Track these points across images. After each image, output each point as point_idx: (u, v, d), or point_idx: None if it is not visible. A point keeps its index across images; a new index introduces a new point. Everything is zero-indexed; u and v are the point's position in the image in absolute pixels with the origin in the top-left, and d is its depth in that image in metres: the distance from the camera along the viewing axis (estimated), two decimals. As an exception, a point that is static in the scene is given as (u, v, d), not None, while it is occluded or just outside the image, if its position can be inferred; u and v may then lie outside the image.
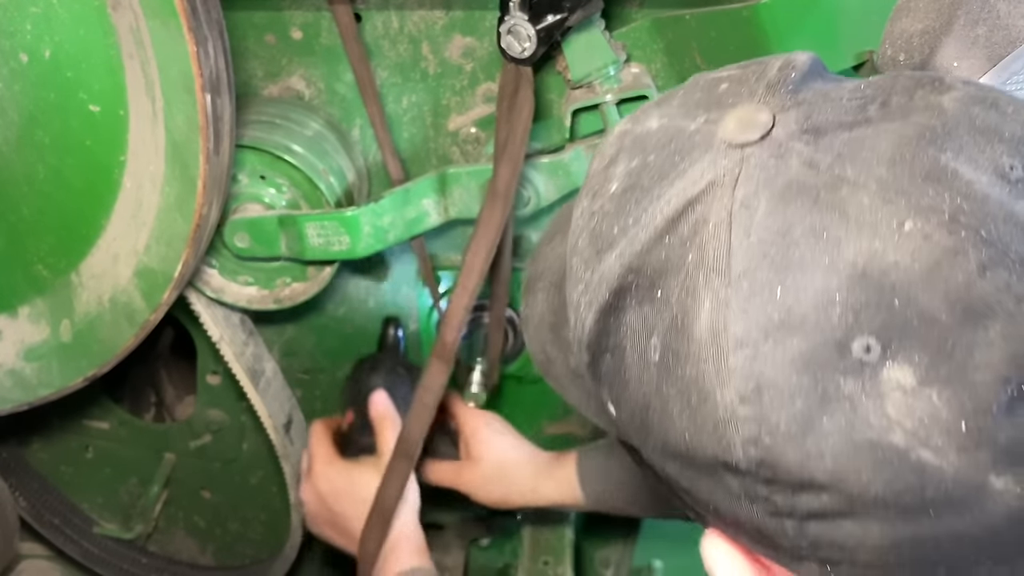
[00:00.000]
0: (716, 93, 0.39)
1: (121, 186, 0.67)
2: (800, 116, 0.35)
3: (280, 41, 0.77)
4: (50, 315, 0.75)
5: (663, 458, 0.39)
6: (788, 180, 0.34)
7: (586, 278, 0.39)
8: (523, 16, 0.66)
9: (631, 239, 0.37)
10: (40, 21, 0.61)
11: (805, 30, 0.65)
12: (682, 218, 0.36)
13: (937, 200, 0.32)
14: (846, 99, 0.36)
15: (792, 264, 0.33)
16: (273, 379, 0.91)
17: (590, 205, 0.41)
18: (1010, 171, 0.33)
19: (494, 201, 0.72)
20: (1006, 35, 0.52)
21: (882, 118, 0.35)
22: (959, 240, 0.31)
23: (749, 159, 0.35)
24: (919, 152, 0.33)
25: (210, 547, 1.11)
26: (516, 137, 0.70)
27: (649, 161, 0.38)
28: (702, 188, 0.35)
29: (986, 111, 0.35)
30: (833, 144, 0.34)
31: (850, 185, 0.33)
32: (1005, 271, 0.31)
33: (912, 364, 0.31)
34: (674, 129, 0.38)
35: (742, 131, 0.36)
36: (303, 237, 0.75)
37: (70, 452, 1.05)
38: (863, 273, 0.32)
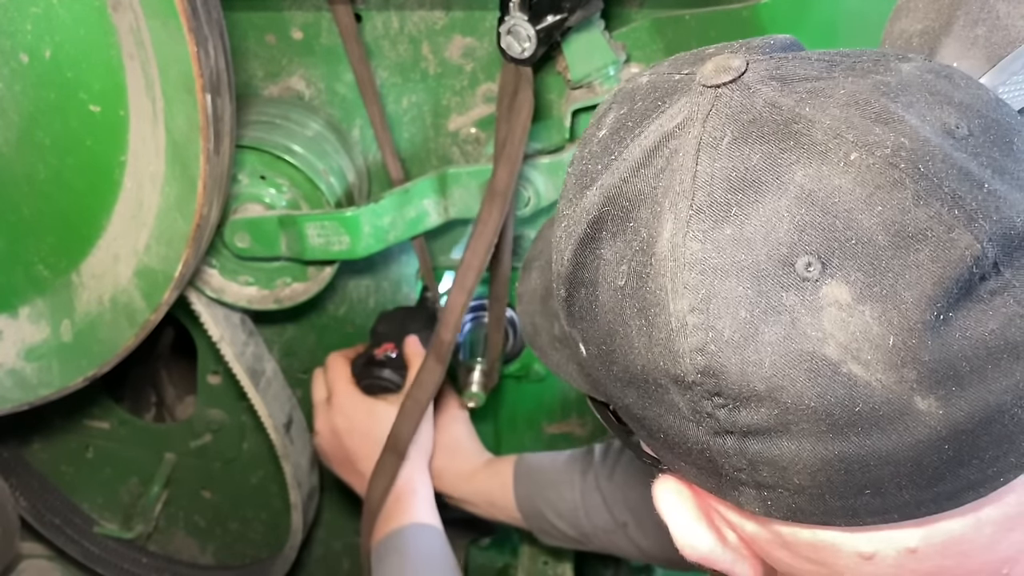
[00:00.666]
0: (703, 54, 0.42)
1: (121, 186, 0.67)
2: (771, 66, 0.39)
3: (280, 41, 0.77)
4: (50, 315, 0.75)
5: (623, 389, 0.41)
6: (752, 116, 0.37)
7: (568, 213, 0.42)
8: (523, 16, 0.66)
9: (612, 172, 0.40)
10: (40, 21, 0.61)
11: (805, 30, 0.66)
12: (657, 151, 0.38)
13: (882, 137, 0.34)
14: (815, 59, 0.39)
15: (748, 186, 0.36)
16: (273, 379, 0.91)
17: (580, 153, 0.43)
18: (956, 129, 0.36)
19: (492, 201, 0.72)
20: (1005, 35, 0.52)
21: (845, 75, 0.38)
22: (898, 172, 0.34)
23: (721, 97, 0.38)
24: (872, 99, 0.36)
25: (210, 547, 1.11)
26: (515, 137, 0.70)
27: (635, 107, 0.41)
28: (678, 123, 0.38)
29: (939, 79, 0.38)
30: (797, 90, 0.37)
31: (806, 121, 0.36)
32: (937, 202, 0.33)
33: (849, 282, 0.34)
34: (660, 80, 0.42)
35: (717, 73, 0.38)
36: (303, 237, 0.75)
37: (70, 452, 1.06)
38: (809, 195, 0.35)
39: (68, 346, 0.75)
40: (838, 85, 0.37)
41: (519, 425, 1.02)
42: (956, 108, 0.36)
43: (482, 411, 0.95)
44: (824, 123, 0.35)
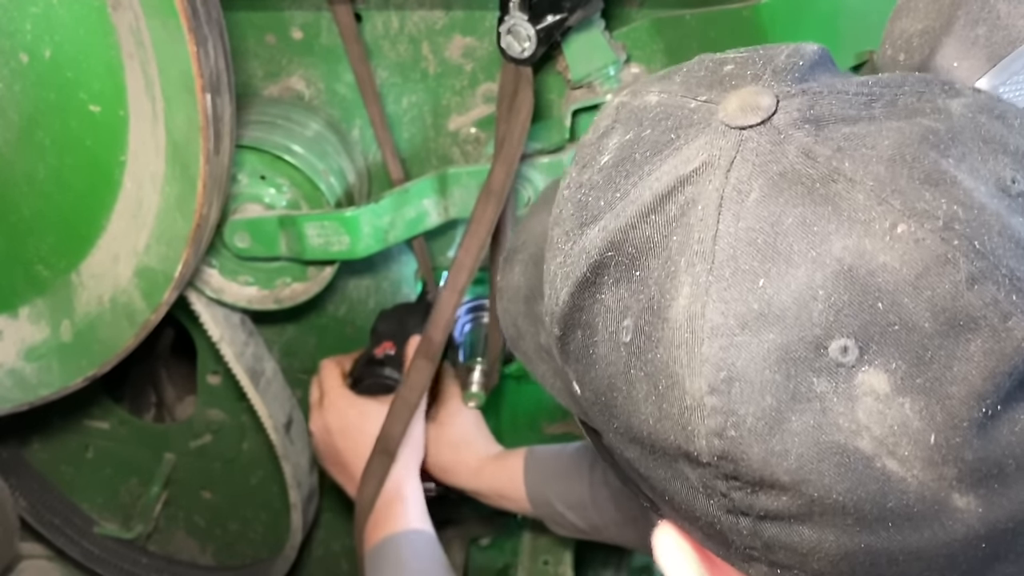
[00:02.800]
0: (720, 73, 0.38)
1: (121, 186, 0.67)
2: (803, 104, 0.34)
3: (280, 41, 0.77)
4: (50, 315, 0.75)
5: (624, 442, 0.38)
6: (784, 168, 0.33)
7: (566, 249, 0.38)
8: (523, 16, 0.66)
9: (616, 213, 0.36)
10: (40, 21, 0.61)
11: (805, 30, 0.66)
12: (671, 197, 0.35)
13: (933, 205, 0.31)
14: (852, 92, 0.35)
15: (778, 254, 0.32)
16: (273, 379, 0.91)
17: (578, 176, 0.39)
18: (1012, 184, 0.32)
19: (487, 200, 0.72)
20: (1006, 35, 0.52)
21: (887, 116, 0.34)
22: (951, 248, 0.30)
23: (747, 142, 0.34)
24: (920, 154, 0.32)
25: (210, 547, 1.11)
26: (513, 137, 0.70)
27: (644, 135, 0.37)
28: (695, 167, 0.34)
29: (993, 121, 0.34)
30: (833, 136, 0.33)
31: (846, 180, 0.32)
32: (994, 286, 0.30)
33: (888, 371, 0.31)
34: (673, 105, 0.37)
35: (743, 113, 0.34)
36: (303, 237, 0.75)
37: (70, 452, 1.05)
38: (849, 271, 0.31)
39: (68, 346, 0.75)
40: (880, 132, 0.33)
41: (519, 425, 1.02)
42: (1012, 157, 0.33)
43: (482, 411, 0.95)
44: (867, 184, 0.31)
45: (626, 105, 0.40)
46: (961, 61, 0.52)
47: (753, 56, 0.38)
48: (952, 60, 0.53)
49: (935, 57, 0.54)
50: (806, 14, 0.65)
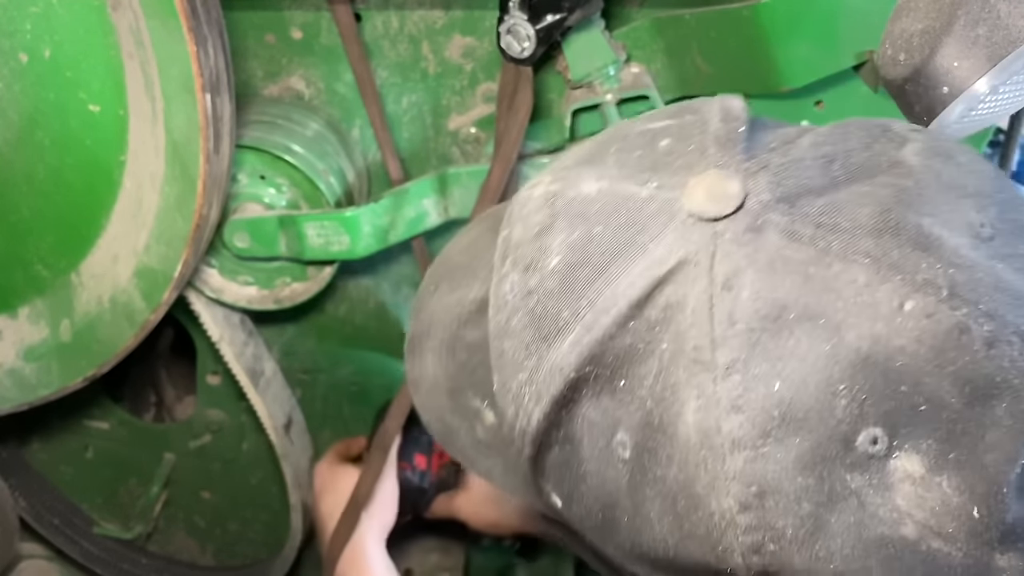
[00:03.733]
0: (658, 151, 0.36)
1: (121, 186, 0.67)
2: (771, 182, 0.33)
3: (280, 41, 0.77)
4: (50, 315, 0.75)
5: (630, 558, 0.36)
6: (771, 256, 0.31)
7: (530, 366, 0.35)
8: (522, 16, 0.66)
9: (588, 325, 0.33)
10: (40, 21, 0.60)
11: (805, 30, 0.65)
12: (649, 301, 0.32)
13: (932, 273, 0.30)
14: (809, 159, 0.33)
15: (788, 353, 0.30)
16: (273, 379, 0.91)
17: (523, 280, 0.36)
18: (981, 228, 0.32)
19: (485, 200, 0.72)
20: (1006, 35, 0.52)
21: (850, 179, 0.33)
22: (962, 316, 0.29)
23: (723, 234, 0.32)
24: (901, 219, 0.31)
25: (210, 547, 1.11)
26: (511, 137, 0.70)
27: (595, 233, 0.34)
28: (671, 267, 0.32)
29: (946, 165, 0.34)
30: (809, 212, 0.32)
31: (840, 260, 0.30)
32: (1007, 346, 0.29)
33: (920, 452, 0.30)
34: (619, 196, 0.35)
35: (713, 203, 0.32)
36: (303, 237, 0.75)
37: (70, 452, 1.05)
38: (867, 360, 0.29)
39: (67, 346, 0.75)
40: (853, 199, 0.32)
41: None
42: (972, 200, 0.33)
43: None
44: (862, 262, 0.30)
45: (559, 196, 0.36)
46: (961, 61, 0.52)
47: (683, 125, 0.36)
48: (952, 60, 0.53)
49: (935, 57, 0.54)
50: (806, 14, 0.64)
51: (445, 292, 0.43)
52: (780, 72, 0.68)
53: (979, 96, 0.52)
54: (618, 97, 0.73)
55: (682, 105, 0.39)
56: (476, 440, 0.43)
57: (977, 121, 0.55)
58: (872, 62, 0.66)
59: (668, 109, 0.39)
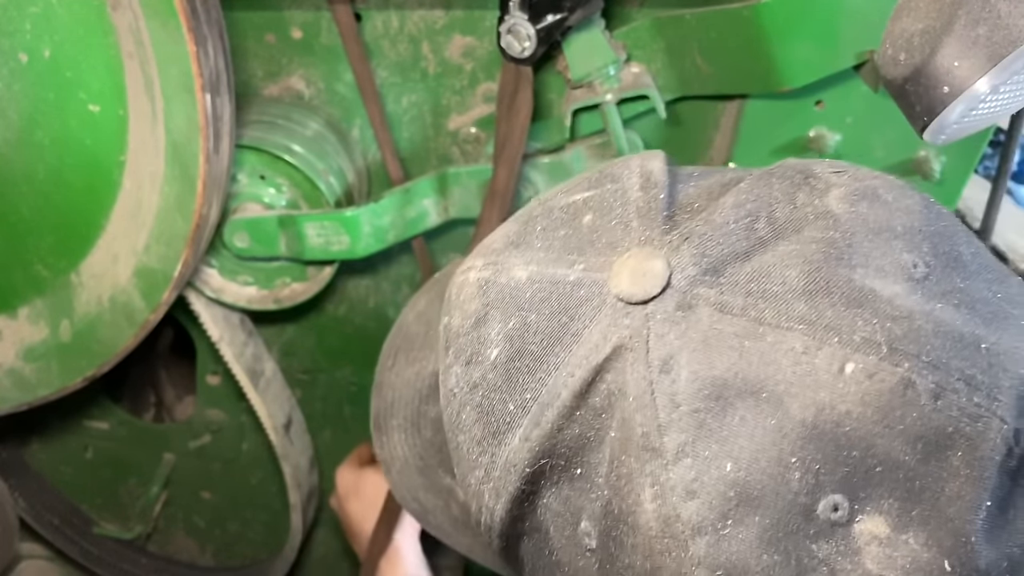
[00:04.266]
0: (582, 229, 0.35)
1: (121, 186, 0.67)
2: (695, 254, 0.32)
3: (280, 41, 0.77)
4: (49, 315, 0.75)
5: None
6: (704, 333, 0.30)
7: (485, 463, 0.35)
8: (523, 16, 0.66)
9: (535, 419, 0.33)
10: (40, 21, 0.60)
11: (805, 30, 0.65)
12: (591, 389, 0.32)
13: (869, 330, 0.29)
14: (732, 222, 0.32)
15: (735, 432, 0.29)
16: (273, 379, 0.91)
17: (467, 373, 0.35)
18: (914, 269, 0.31)
19: (492, 201, 0.72)
20: (1007, 35, 0.52)
21: (775, 236, 0.32)
22: (904, 372, 0.29)
23: (654, 315, 0.31)
24: (832, 276, 0.30)
25: (210, 547, 1.11)
26: (514, 137, 0.70)
27: (530, 321, 0.34)
28: (607, 354, 0.32)
29: (872, 206, 0.33)
30: (738, 280, 0.31)
31: (773, 329, 0.30)
32: (954, 394, 0.29)
33: (883, 512, 0.29)
34: (549, 281, 0.34)
35: (638, 285, 0.31)
36: (303, 237, 0.75)
37: (69, 452, 1.05)
38: (814, 430, 0.29)
39: (67, 346, 0.75)
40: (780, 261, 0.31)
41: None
42: (903, 240, 0.32)
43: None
44: (797, 329, 0.29)
45: (491, 283, 0.36)
46: (962, 60, 0.52)
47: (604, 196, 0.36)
48: (953, 59, 0.53)
49: (936, 56, 0.54)
50: (806, 14, 0.64)
51: (403, 365, 0.42)
52: (780, 72, 0.68)
53: (980, 96, 0.52)
54: (618, 97, 0.73)
55: (603, 171, 0.38)
56: (452, 517, 0.43)
57: (977, 121, 0.55)
58: (872, 62, 0.66)
59: (589, 176, 0.38)
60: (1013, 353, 0.30)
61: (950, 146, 0.72)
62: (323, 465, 1.01)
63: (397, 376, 0.43)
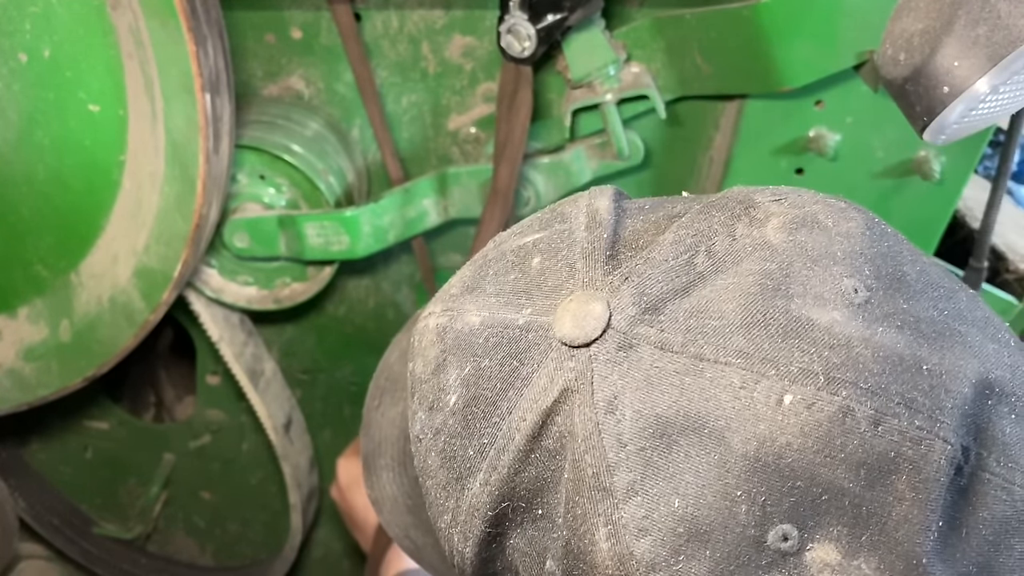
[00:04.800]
0: (531, 272, 0.35)
1: (120, 186, 0.67)
2: (634, 294, 0.32)
3: (280, 41, 0.77)
4: (49, 315, 0.75)
5: None
6: (645, 372, 0.31)
7: (451, 507, 0.36)
8: (523, 15, 0.66)
9: (492, 463, 0.34)
10: (39, 21, 0.60)
11: (805, 30, 0.65)
12: (543, 432, 0.33)
13: (806, 360, 0.29)
14: (672, 259, 0.33)
15: (681, 468, 0.30)
16: (273, 379, 0.91)
17: (430, 420, 0.36)
18: (855, 294, 0.31)
19: (495, 201, 0.72)
20: (1007, 35, 0.52)
21: (714, 270, 0.32)
22: (842, 400, 0.29)
23: (597, 357, 0.32)
24: (768, 307, 0.31)
25: (210, 547, 1.11)
26: (515, 137, 0.70)
27: (483, 367, 0.35)
28: (556, 397, 0.32)
29: (812, 233, 0.33)
30: (677, 317, 0.31)
31: (712, 364, 0.30)
32: (894, 419, 0.29)
33: (832, 539, 0.30)
34: (499, 325, 0.35)
35: (580, 328, 0.32)
36: (302, 237, 0.75)
37: (69, 452, 1.05)
38: (756, 462, 0.29)
39: (67, 346, 0.75)
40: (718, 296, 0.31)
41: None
42: (843, 265, 0.32)
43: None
44: (735, 363, 0.30)
45: (448, 330, 0.37)
46: (962, 60, 0.52)
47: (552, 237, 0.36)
48: (953, 59, 0.53)
49: (935, 56, 0.54)
50: (806, 14, 0.64)
51: (388, 406, 0.43)
52: (780, 72, 0.67)
53: (979, 96, 0.52)
54: (618, 97, 0.73)
55: (554, 210, 0.38)
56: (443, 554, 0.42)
57: (977, 121, 0.55)
58: (872, 62, 0.66)
59: (540, 217, 0.39)
60: (956, 372, 0.30)
61: (950, 146, 0.71)
62: (323, 465, 1.01)
63: (383, 416, 0.44)
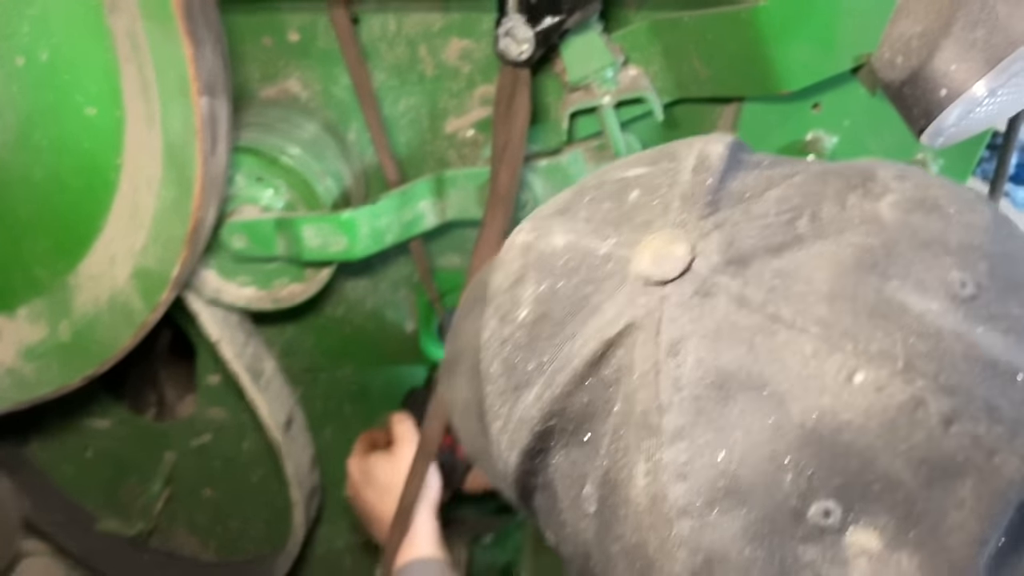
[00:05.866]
0: (627, 204, 0.35)
1: (118, 188, 0.67)
2: (722, 242, 0.32)
3: (277, 43, 0.77)
4: (49, 315, 0.75)
5: None
6: (717, 322, 0.30)
7: (504, 414, 0.36)
8: (521, 18, 0.66)
9: (548, 380, 0.34)
10: (37, 23, 0.61)
11: (803, 33, 0.65)
12: (602, 361, 0.33)
13: (888, 343, 0.28)
14: (772, 214, 0.32)
15: (732, 423, 0.29)
16: (273, 378, 0.91)
17: (499, 329, 0.37)
18: (961, 288, 0.30)
19: (496, 205, 0.72)
20: (1005, 37, 0.52)
21: (814, 235, 0.31)
22: (916, 391, 0.28)
23: (670, 298, 0.31)
24: (861, 283, 0.30)
25: (212, 545, 1.12)
26: (515, 140, 0.70)
27: (558, 288, 0.35)
28: (620, 329, 0.32)
29: (928, 217, 0.31)
30: (763, 274, 0.31)
31: (788, 328, 0.29)
32: (971, 422, 0.28)
33: (877, 527, 0.29)
34: (581, 251, 0.35)
35: (658, 266, 0.32)
36: (300, 239, 0.75)
37: (71, 451, 1.06)
38: (812, 433, 0.28)
39: (66, 346, 0.76)
40: (811, 261, 0.30)
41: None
42: (955, 256, 0.30)
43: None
44: (811, 331, 0.29)
45: (532, 247, 0.37)
46: (959, 63, 0.52)
47: (656, 174, 0.36)
48: (950, 62, 0.52)
49: (933, 59, 0.53)
50: (804, 17, 0.64)
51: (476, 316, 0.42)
52: (778, 75, 0.67)
53: (977, 98, 0.52)
54: (616, 99, 0.72)
55: (664, 149, 0.38)
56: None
57: (975, 123, 0.55)
58: (870, 65, 0.65)
59: (650, 153, 0.38)
60: None
61: (948, 149, 0.71)
62: (324, 463, 1.02)
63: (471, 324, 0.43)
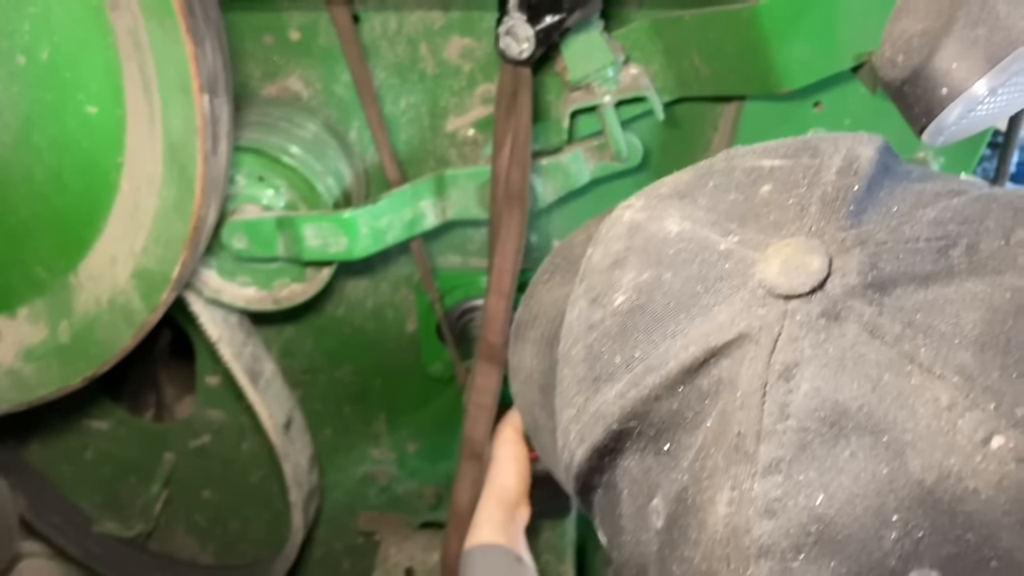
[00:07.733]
0: (756, 198, 0.32)
1: (119, 188, 0.67)
2: (864, 261, 0.28)
3: (278, 42, 0.77)
4: (49, 316, 0.75)
5: None
6: (842, 351, 0.27)
7: (578, 403, 0.33)
8: (521, 17, 0.66)
9: (635, 379, 0.30)
10: (38, 22, 0.60)
11: (804, 31, 0.65)
12: (701, 369, 0.29)
13: None
14: (923, 238, 0.28)
15: (839, 466, 0.26)
16: (272, 379, 0.91)
17: (589, 312, 0.33)
18: None
19: (511, 204, 0.72)
20: (1006, 36, 0.52)
21: (969, 270, 0.27)
22: None
23: (794, 315, 0.28)
24: (1018, 334, 0.26)
25: (211, 546, 1.11)
26: (520, 139, 0.70)
27: (664, 279, 0.31)
28: (730, 339, 0.29)
29: None
30: (903, 305, 0.27)
31: (923, 371, 0.26)
32: None
33: None
34: (698, 242, 0.31)
35: (787, 277, 0.28)
36: (301, 239, 0.75)
37: (70, 452, 1.06)
38: (931, 494, 0.25)
39: (66, 347, 0.75)
40: (962, 299, 0.27)
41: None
42: None
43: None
44: (950, 380, 0.25)
45: (641, 229, 0.34)
46: (960, 62, 0.52)
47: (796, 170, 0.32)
48: (951, 61, 0.52)
49: (934, 58, 0.54)
50: (805, 15, 0.64)
51: (557, 284, 0.40)
52: (779, 73, 0.67)
53: (978, 97, 0.52)
54: (616, 98, 0.72)
55: (807, 141, 0.34)
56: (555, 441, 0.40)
57: (975, 122, 0.55)
58: (871, 63, 0.66)
59: (789, 143, 0.34)
60: None
61: (948, 148, 0.71)
62: (323, 464, 1.01)
63: (548, 292, 0.40)
